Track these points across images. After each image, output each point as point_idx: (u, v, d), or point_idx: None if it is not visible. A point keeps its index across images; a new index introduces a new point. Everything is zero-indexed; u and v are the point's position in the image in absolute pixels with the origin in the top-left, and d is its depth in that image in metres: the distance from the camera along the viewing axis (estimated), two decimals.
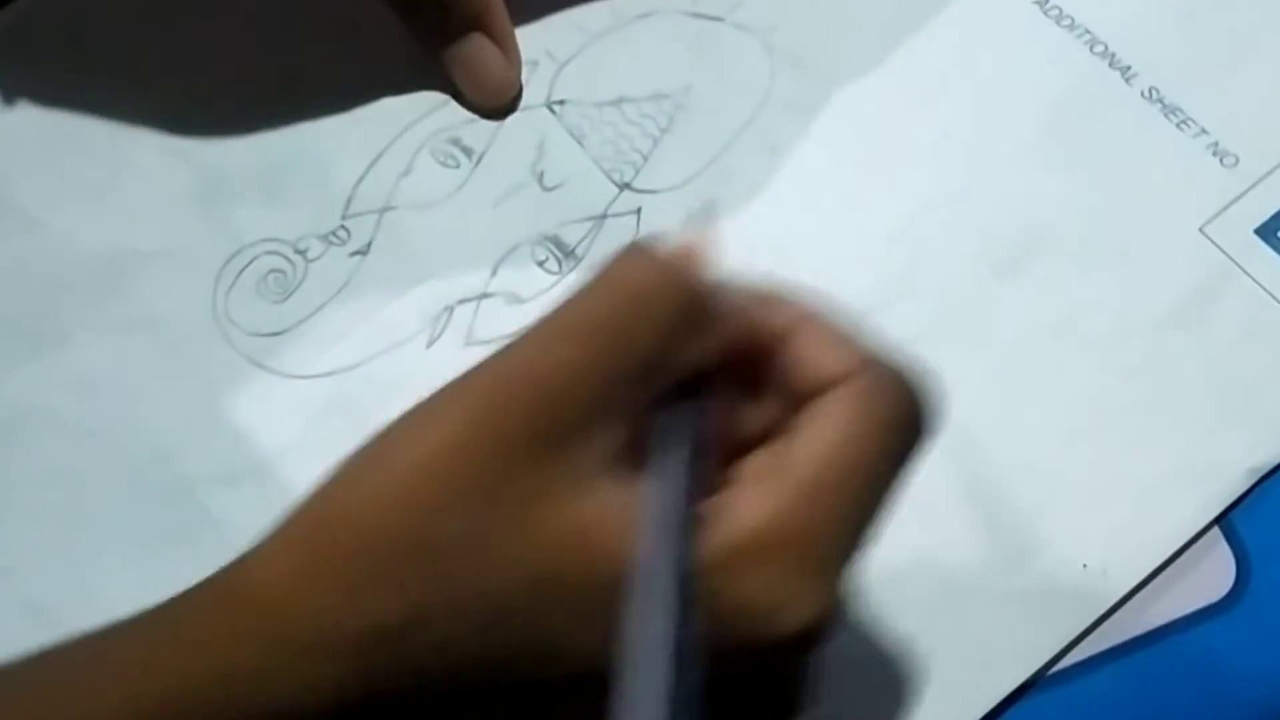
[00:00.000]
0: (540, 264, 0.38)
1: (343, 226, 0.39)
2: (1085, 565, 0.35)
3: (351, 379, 0.37)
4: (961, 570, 0.35)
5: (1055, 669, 0.34)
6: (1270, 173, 0.39)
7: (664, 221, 0.39)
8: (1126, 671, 0.34)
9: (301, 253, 0.39)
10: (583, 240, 0.39)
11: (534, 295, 0.38)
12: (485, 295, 0.38)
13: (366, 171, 0.39)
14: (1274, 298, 0.37)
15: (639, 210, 0.39)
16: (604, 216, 0.39)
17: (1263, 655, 0.34)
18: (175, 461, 0.36)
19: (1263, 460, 0.36)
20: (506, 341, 0.26)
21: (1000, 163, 0.39)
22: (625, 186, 0.39)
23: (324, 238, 0.39)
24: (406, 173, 0.39)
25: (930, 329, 0.37)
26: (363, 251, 0.39)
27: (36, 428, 0.37)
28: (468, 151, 0.40)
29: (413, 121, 0.40)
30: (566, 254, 0.38)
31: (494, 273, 0.38)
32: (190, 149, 0.40)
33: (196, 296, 0.38)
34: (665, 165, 0.39)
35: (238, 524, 0.35)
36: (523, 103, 0.40)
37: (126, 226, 0.39)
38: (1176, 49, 0.40)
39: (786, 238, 0.38)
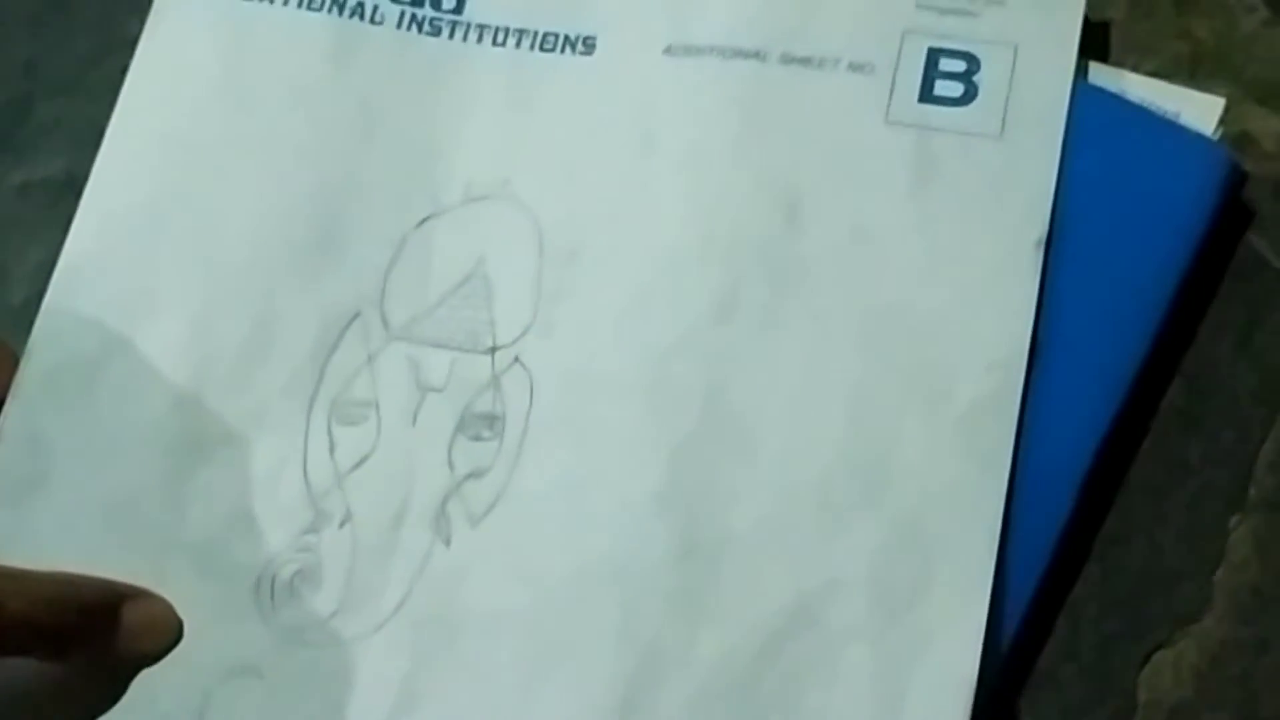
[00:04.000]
0: (478, 440, 0.44)
1: None
2: None
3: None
4: None
5: None
6: None
7: (542, 354, 0.45)
8: None
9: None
10: (495, 404, 0.45)
11: (486, 469, 0.44)
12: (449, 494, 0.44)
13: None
14: None
15: (516, 358, 0.45)
16: (497, 377, 0.45)
17: None
18: None
19: None
20: None
21: None
22: (494, 349, 0.45)
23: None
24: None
25: None
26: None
27: None
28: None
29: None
30: (492, 421, 0.45)
31: (450, 467, 0.44)
32: None
33: None
34: (509, 317, 0.46)
35: None
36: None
37: None
38: None
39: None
